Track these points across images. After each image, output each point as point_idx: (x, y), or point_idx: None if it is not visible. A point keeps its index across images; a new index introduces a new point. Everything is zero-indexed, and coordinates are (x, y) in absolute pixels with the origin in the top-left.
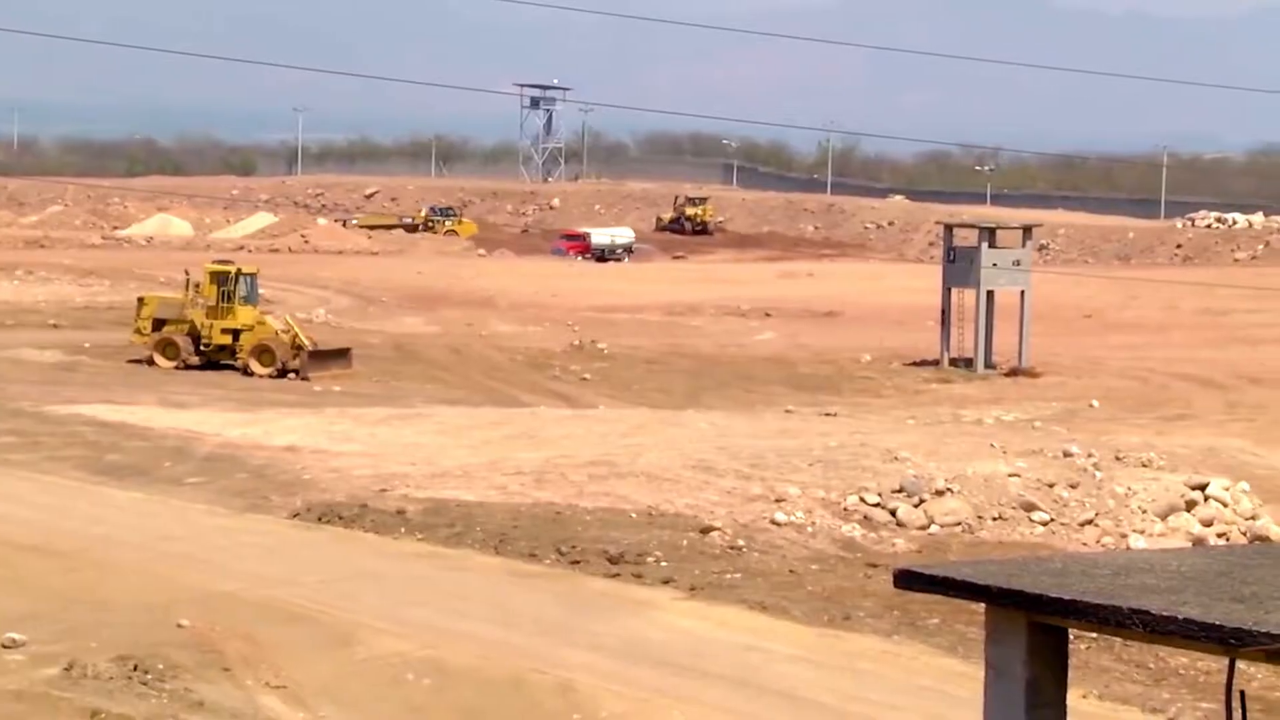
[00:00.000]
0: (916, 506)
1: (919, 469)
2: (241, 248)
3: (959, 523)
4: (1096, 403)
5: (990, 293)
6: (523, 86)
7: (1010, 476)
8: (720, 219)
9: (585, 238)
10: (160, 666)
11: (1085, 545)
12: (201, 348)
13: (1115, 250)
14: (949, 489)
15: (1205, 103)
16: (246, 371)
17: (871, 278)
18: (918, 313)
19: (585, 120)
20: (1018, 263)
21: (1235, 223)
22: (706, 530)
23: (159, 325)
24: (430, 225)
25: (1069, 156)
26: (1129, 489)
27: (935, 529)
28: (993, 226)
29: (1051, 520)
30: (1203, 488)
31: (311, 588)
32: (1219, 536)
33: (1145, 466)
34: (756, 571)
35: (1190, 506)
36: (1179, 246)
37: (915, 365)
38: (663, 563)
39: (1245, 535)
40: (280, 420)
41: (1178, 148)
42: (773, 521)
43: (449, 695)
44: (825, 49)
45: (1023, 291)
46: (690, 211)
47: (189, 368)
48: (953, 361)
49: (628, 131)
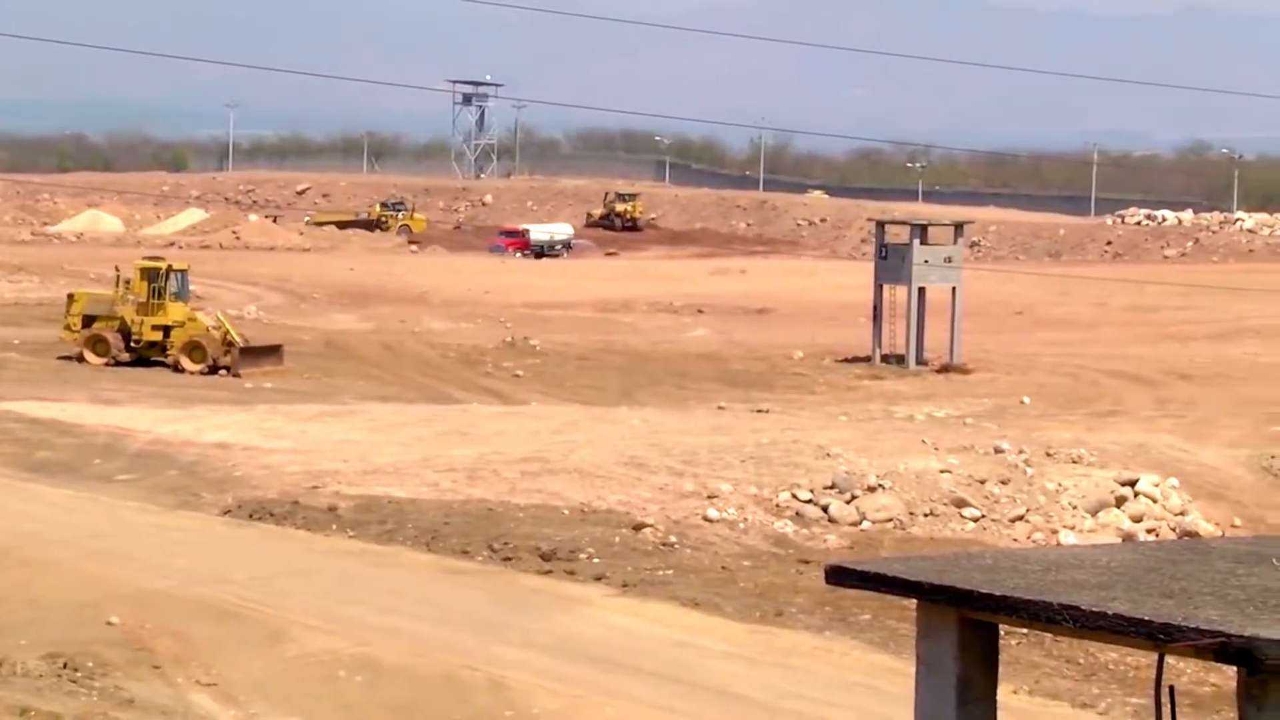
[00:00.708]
0: (848, 503)
1: (851, 465)
2: (172, 244)
3: (891, 519)
4: (1027, 399)
5: (922, 289)
6: (455, 83)
7: (942, 473)
8: (653, 216)
9: (524, 234)
10: (90, 664)
11: (1016, 541)
12: (132, 344)
13: (1046, 247)
14: (881, 485)
15: (1135, 100)
16: (177, 368)
17: (804, 274)
18: (850, 309)
19: (518, 117)
20: (949, 259)
21: (1165, 220)
22: (639, 527)
23: (89, 322)
24: (383, 220)
25: (1000, 154)
26: (1059, 485)
27: (867, 525)
28: (924, 223)
29: (982, 516)
30: (1133, 484)
31: (242, 585)
32: (1149, 532)
33: (1076, 463)
34: (689, 568)
35: (1120, 503)
36: (1109, 243)
37: (847, 362)
38: (595, 559)
39: (1174, 531)
40: (211, 417)
41: (1108, 145)
42: (705, 518)
43: (381, 692)
44: (758, 46)
45: (954, 288)
46: (620, 208)
47: (119, 364)
48: (884, 358)
49: (560, 128)
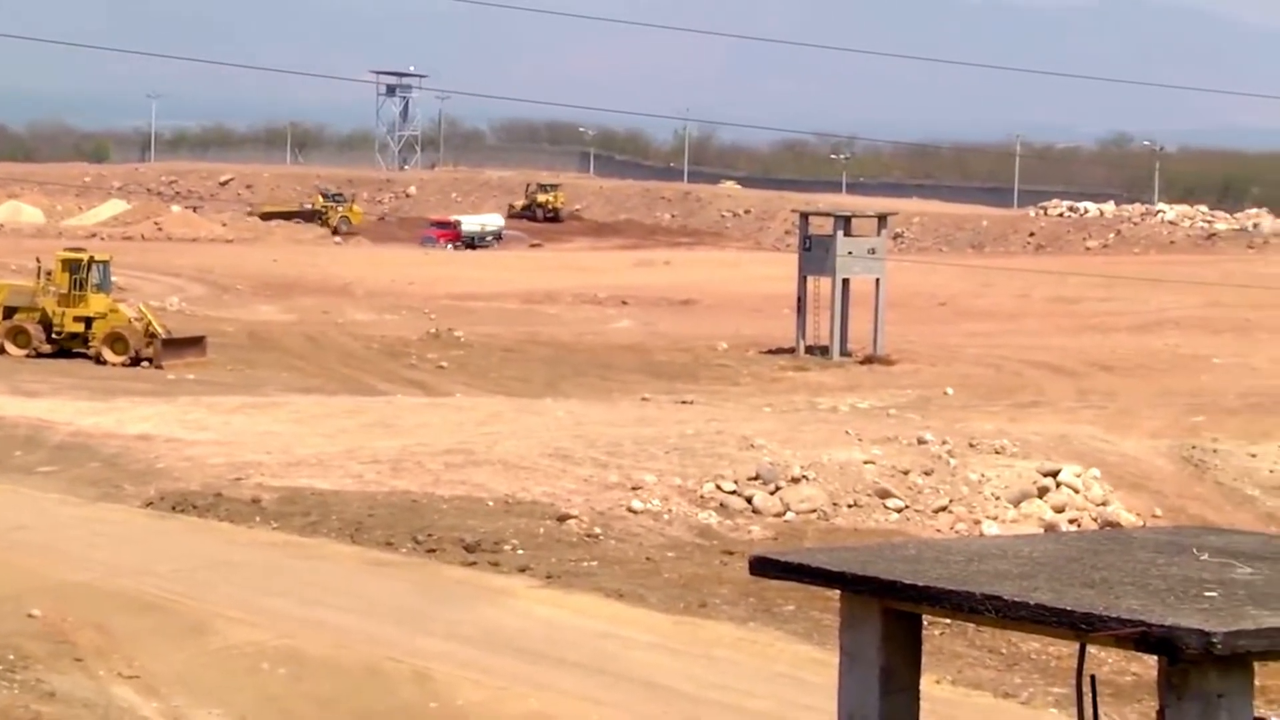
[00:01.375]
0: (772, 494)
1: (775, 456)
2: (94, 235)
3: (814, 510)
4: (950, 390)
5: (846, 281)
6: (379, 74)
7: (865, 464)
8: (577, 207)
9: (456, 225)
10: (11, 657)
11: (939, 532)
12: (53, 336)
13: (969, 238)
14: (805, 476)
15: (1058, 93)
16: (99, 360)
17: (728, 266)
18: (774, 301)
19: (442, 108)
20: (873, 251)
21: (1087, 212)
22: (563, 518)
23: (10, 313)
24: (324, 211)
25: (924, 145)
26: (982, 476)
27: (791, 516)
28: (848, 215)
29: (906, 507)
30: (1055, 474)
31: (165, 577)
32: (1070, 523)
33: (998, 453)
34: (613, 559)
35: (1042, 493)
36: (1032, 235)
37: (771, 353)
38: (519, 551)
39: (1096, 521)
40: (134, 409)
41: (1031, 137)
42: (629, 509)
43: (305, 684)
44: (683, 38)
45: (878, 280)
46: (542, 199)
47: (40, 356)
48: (809, 349)
49: (485, 120)
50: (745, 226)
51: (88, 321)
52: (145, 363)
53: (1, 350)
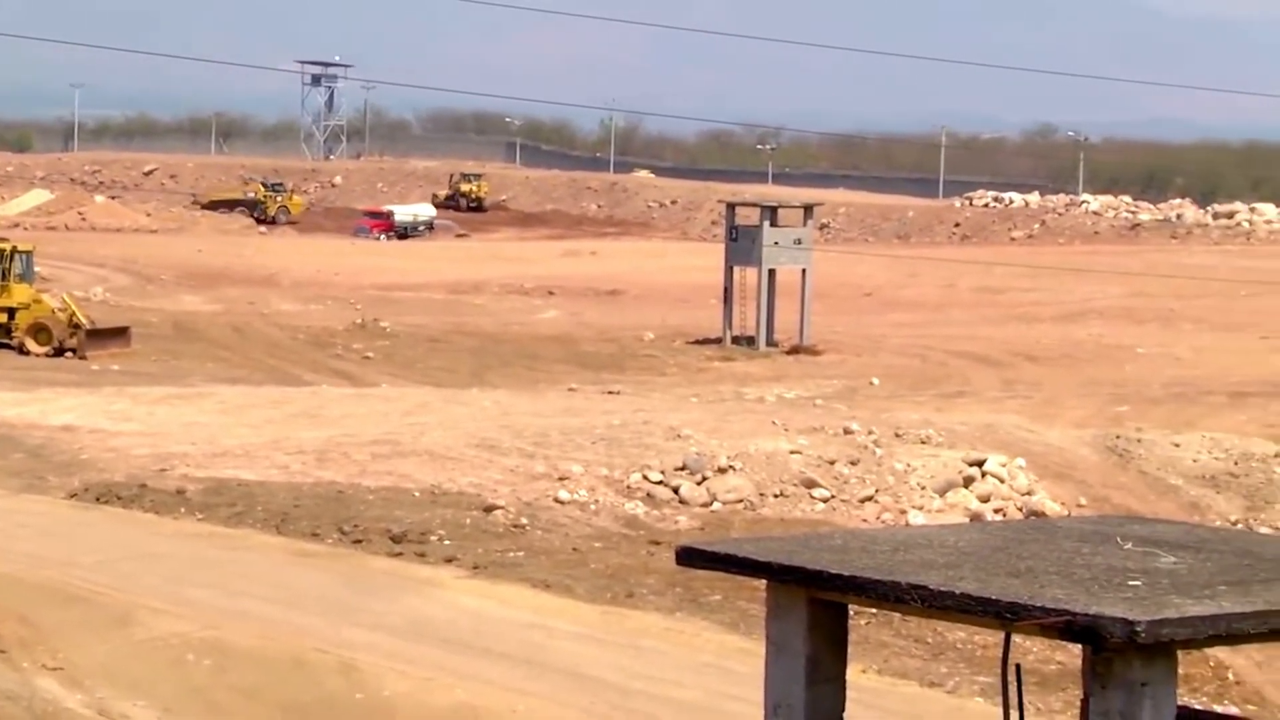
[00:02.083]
0: (699, 484)
1: (702, 446)
2: (17, 225)
3: (741, 500)
4: (877, 380)
5: (772, 271)
6: (304, 64)
7: (792, 454)
8: (503, 197)
9: (389, 215)
10: None
11: (865, 522)
12: None
13: (895, 229)
14: (731, 466)
15: (983, 83)
16: (22, 350)
17: (655, 256)
18: (700, 291)
19: (367, 98)
20: (799, 241)
21: (1012, 202)
22: (490, 509)
23: None
24: (264, 201)
25: (849, 136)
26: (908, 465)
27: (718, 506)
28: (774, 205)
29: (832, 497)
30: (980, 464)
31: (89, 568)
32: (996, 512)
33: (924, 443)
34: (540, 550)
35: (968, 483)
36: (957, 225)
37: (698, 343)
38: (446, 541)
39: (1021, 511)
40: (57, 399)
41: (956, 128)
42: (556, 500)
43: (230, 676)
44: (609, 27)
45: (804, 270)
46: (465, 188)
47: None
48: (735, 339)
49: (411, 109)
50: (672, 217)
51: (11, 312)
52: (69, 353)
53: None
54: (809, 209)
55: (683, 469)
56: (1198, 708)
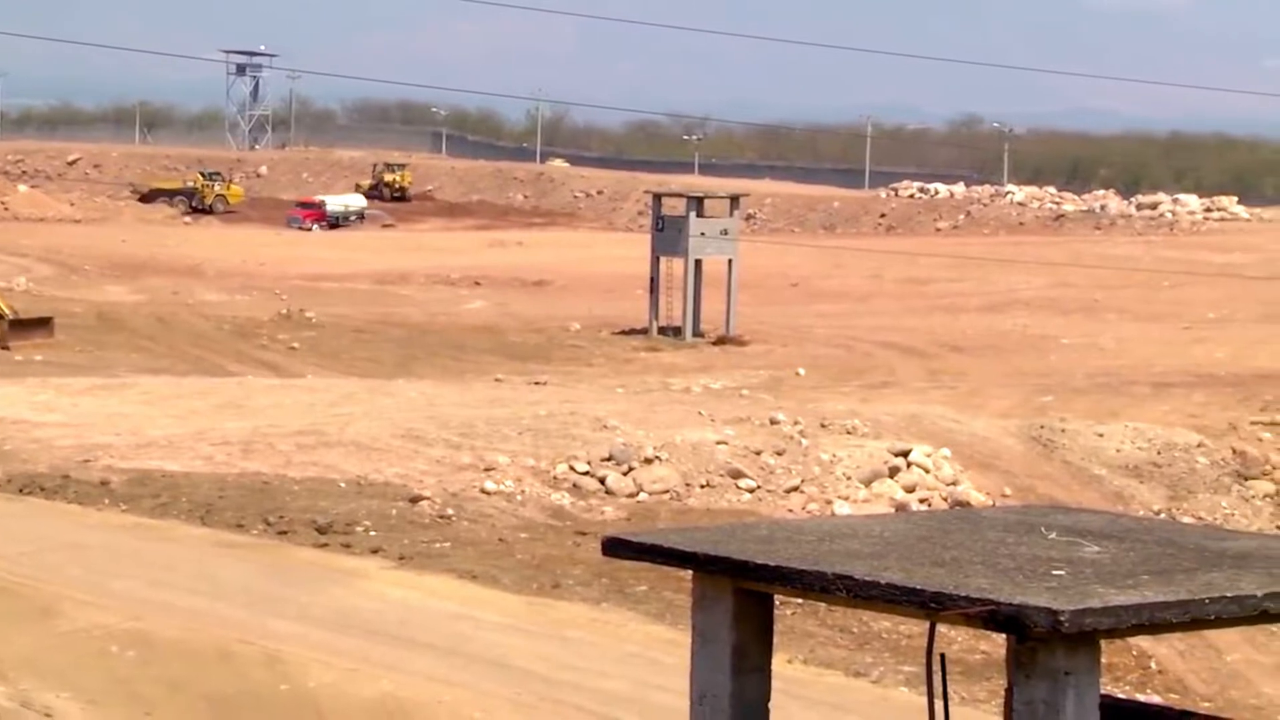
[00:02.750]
0: (625, 474)
1: (628, 437)
2: None
3: (667, 490)
4: (802, 370)
5: (698, 262)
6: (228, 53)
7: (718, 444)
8: (429, 188)
9: (321, 205)
10: None
11: (791, 512)
12: None
13: (821, 219)
14: (657, 457)
15: (909, 74)
16: None
17: (581, 246)
18: (627, 281)
19: (293, 88)
20: (725, 232)
21: (937, 193)
22: (416, 499)
23: None
24: (201, 190)
25: (775, 126)
26: (834, 456)
27: (644, 497)
28: (700, 196)
29: (758, 487)
30: (905, 454)
31: (12, 559)
32: (921, 502)
33: (850, 434)
34: (466, 540)
35: (894, 473)
36: (883, 216)
37: (624, 334)
38: (371, 532)
39: (946, 501)
40: None
41: (882, 119)
42: (482, 490)
43: (154, 667)
44: (535, 17)
45: (730, 260)
46: (389, 178)
47: None
48: (661, 330)
49: (336, 99)
50: (598, 207)
51: None
52: None
53: None
54: (735, 199)
55: (609, 459)
56: (1121, 697)
